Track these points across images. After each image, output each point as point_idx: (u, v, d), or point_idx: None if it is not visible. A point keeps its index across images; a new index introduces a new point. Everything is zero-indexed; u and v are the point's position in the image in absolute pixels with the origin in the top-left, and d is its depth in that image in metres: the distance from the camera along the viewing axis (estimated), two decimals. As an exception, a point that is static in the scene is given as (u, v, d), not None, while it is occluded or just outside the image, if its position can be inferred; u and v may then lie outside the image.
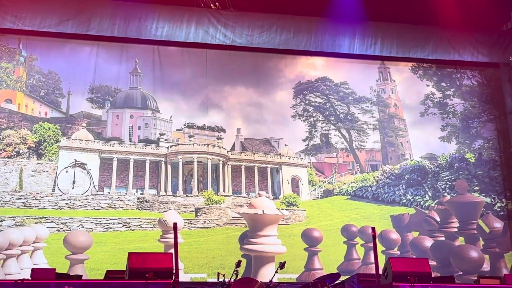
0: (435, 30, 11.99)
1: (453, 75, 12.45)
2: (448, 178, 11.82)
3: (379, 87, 12.24)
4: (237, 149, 11.45)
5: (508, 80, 12.10)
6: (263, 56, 11.83)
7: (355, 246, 11.03)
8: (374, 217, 11.32)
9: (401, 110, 12.25)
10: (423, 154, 11.98)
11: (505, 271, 11.13)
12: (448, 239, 11.41)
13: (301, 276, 10.53)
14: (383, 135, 12.03)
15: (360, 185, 11.62)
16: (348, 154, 11.83)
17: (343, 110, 11.93)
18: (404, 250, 11.14)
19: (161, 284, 6.66)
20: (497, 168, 12.02)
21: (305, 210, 11.22)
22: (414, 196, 11.59)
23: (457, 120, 12.20)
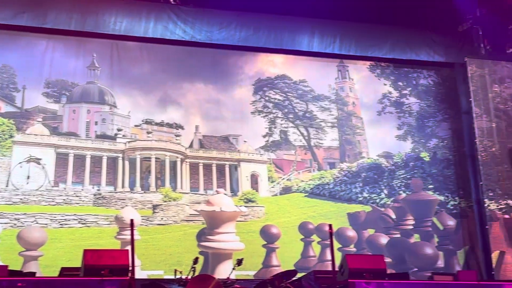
0: (393, 29, 12.14)
1: (410, 75, 12.63)
2: (404, 177, 11.98)
3: (338, 85, 12.34)
4: (195, 146, 11.40)
5: (463, 80, 12.32)
6: (223, 53, 11.80)
7: (311, 243, 11.11)
8: (331, 215, 11.41)
9: (358, 108, 12.37)
10: (379, 153, 12.12)
11: (458, 267, 11.37)
12: (403, 236, 11.58)
13: (258, 273, 10.55)
14: (341, 133, 12.14)
15: (318, 183, 11.69)
16: (307, 152, 11.89)
17: (302, 107, 11.99)
18: (360, 247, 11.27)
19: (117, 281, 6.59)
20: (450, 167, 12.24)
21: (264, 207, 11.25)
22: (371, 194, 11.72)
23: (413, 119, 12.38)
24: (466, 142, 12.18)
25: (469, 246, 11.74)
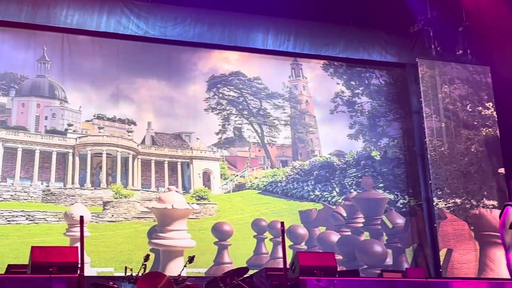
0: (347, 29, 12.27)
1: (362, 74, 12.77)
2: (355, 175, 12.12)
3: (291, 83, 12.38)
4: (147, 143, 11.27)
5: (414, 80, 12.53)
6: (176, 49, 11.70)
7: (264, 240, 11.14)
8: (283, 212, 11.46)
9: (312, 107, 12.44)
10: (331, 151, 12.22)
11: (406, 265, 11.56)
12: (354, 234, 11.72)
13: (210, 270, 10.53)
14: (294, 131, 12.19)
15: (271, 180, 11.72)
16: (260, 149, 11.90)
17: (256, 105, 11.99)
18: (311, 244, 11.35)
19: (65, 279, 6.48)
20: (401, 166, 12.43)
21: (216, 204, 11.21)
22: (322, 192, 11.81)
23: (364, 119, 12.52)
24: (416, 141, 12.40)
25: (418, 244, 11.95)
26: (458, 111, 12.32)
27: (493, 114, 12.44)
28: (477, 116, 12.40)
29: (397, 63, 12.69)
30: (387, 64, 12.75)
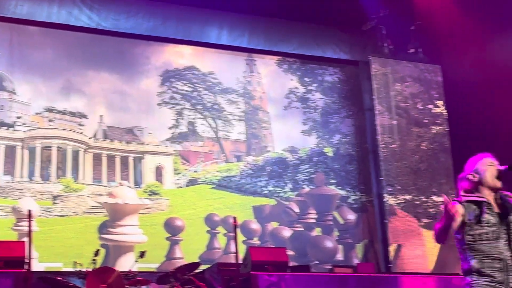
0: (301, 26, 12.31)
1: (316, 71, 12.84)
2: (308, 171, 12.19)
3: (246, 79, 12.36)
4: (99, 136, 11.09)
5: (366, 78, 12.66)
6: (129, 42, 11.54)
7: (217, 235, 11.11)
8: (237, 207, 11.44)
9: (265, 102, 12.45)
10: (285, 147, 12.26)
11: (356, 260, 11.70)
12: (306, 229, 11.79)
13: (161, 266, 10.43)
14: (248, 126, 12.18)
15: (225, 175, 11.68)
16: (214, 144, 11.85)
17: (210, 99, 11.93)
18: (264, 240, 11.38)
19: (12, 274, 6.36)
20: (353, 163, 12.56)
21: (168, 199, 11.11)
22: (275, 187, 11.84)
23: (318, 115, 12.60)
24: (368, 138, 12.54)
25: (368, 239, 12.10)
26: (410, 109, 12.51)
27: (443, 112, 12.67)
28: (427, 114, 12.61)
29: (350, 60, 12.81)
30: (341, 62, 12.86)
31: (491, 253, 4.00)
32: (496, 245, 4.01)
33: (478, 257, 4.02)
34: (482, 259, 4.01)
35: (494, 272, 3.96)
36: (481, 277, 3.99)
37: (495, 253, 4.00)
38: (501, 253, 3.99)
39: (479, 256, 4.02)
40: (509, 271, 3.96)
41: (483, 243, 4.03)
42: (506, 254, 4.00)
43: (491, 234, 4.03)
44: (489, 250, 4.01)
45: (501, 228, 4.04)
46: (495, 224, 4.05)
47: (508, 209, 4.08)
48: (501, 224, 4.06)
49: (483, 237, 4.04)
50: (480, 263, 4.00)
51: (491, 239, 4.02)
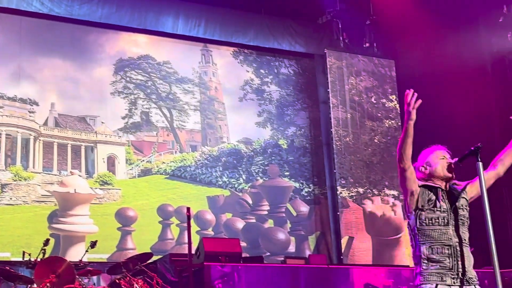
0: (257, 17, 12.30)
1: (272, 63, 12.84)
2: (262, 163, 12.20)
3: (201, 69, 12.27)
4: (50, 124, 10.85)
5: (322, 71, 12.74)
6: (83, 29, 11.32)
7: (170, 226, 11.03)
8: (191, 198, 11.37)
9: (221, 93, 12.40)
10: (239, 138, 12.25)
11: (308, 252, 11.79)
12: (259, 221, 11.82)
13: (112, 256, 10.31)
14: (203, 116, 12.11)
15: (179, 165, 11.59)
16: (169, 133, 11.73)
17: (165, 89, 11.80)
18: (218, 230, 11.35)
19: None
20: (307, 155, 12.63)
21: (121, 189, 10.96)
22: (230, 178, 11.82)
23: (273, 107, 12.61)
24: (323, 131, 12.64)
25: (321, 231, 12.20)
26: (363, 103, 12.65)
27: (396, 107, 12.86)
28: (381, 108, 12.78)
29: (306, 53, 12.87)
30: (296, 54, 12.90)
31: (441, 239, 4.08)
32: (445, 231, 4.09)
33: (428, 242, 4.09)
34: (432, 245, 4.08)
35: (443, 258, 4.03)
36: (431, 264, 4.06)
37: (444, 239, 4.08)
38: (450, 239, 4.07)
39: (429, 242, 4.09)
40: (457, 257, 4.04)
41: (434, 228, 4.10)
42: (454, 240, 4.08)
43: (441, 220, 4.11)
44: (439, 235, 4.08)
45: (451, 214, 4.13)
46: (446, 210, 4.13)
47: (455, 196, 4.18)
48: (450, 211, 4.14)
49: (434, 222, 4.12)
50: (430, 249, 4.07)
51: (441, 224, 4.10)
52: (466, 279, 4.01)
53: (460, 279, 4.00)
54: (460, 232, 4.11)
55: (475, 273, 4.09)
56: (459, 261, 4.03)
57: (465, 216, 4.19)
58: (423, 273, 4.07)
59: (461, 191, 4.22)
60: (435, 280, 4.02)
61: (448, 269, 4.01)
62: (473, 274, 4.06)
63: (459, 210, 4.16)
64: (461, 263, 4.03)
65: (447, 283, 4.00)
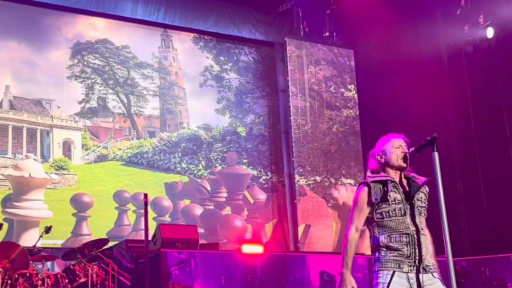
0: (218, 4, 12.23)
1: (232, 50, 12.81)
2: (221, 150, 12.19)
3: (161, 54, 12.15)
4: (5, 107, 10.62)
5: (281, 59, 12.76)
6: (40, 11, 11.09)
7: (126, 212, 10.95)
8: (148, 184, 11.30)
9: (181, 79, 12.31)
10: (199, 124, 12.20)
11: (265, 239, 11.85)
12: (217, 208, 11.82)
13: (67, 242, 10.19)
14: (163, 102, 12.01)
15: (136, 151, 11.49)
16: (126, 120, 11.61)
17: (123, 74, 11.66)
18: (175, 217, 11.32)
19: None
20: (265, 143, 12.66)
21: (76, 175, 10.82)
22: (189, 164, 11.78)
23: (232, 94, 12.59)
24: (281, 119, 12.68)
25: (278, 219, 12.26)
26: (322, 92, 12.72)
27: (355, 96, 12.97)
28: (339, 97, 12.87)
29: (266, 41, 12.86)
30: (256, 42, 12.89)
31: (399, 228, 4.13)
32: (403, 221, 4.14)
33: (387, 232, 4.14)
34: (390, 234, 4.13)
35: (402, 246, 4.09)
36: (389, 252, 4.12)
37: (402, 228, 4.13)
38: (408, 227, 4.13)
39: (387, 232, 4.14)
40: (415, 245, 4.10)
41: (391, 219, 4.15)
42: (412, 229, 4.13)
43: (397, 211, 4.15)
44: (396, 225, 4.13)
45: (406, 205, 4.18)
46: (401, 201, 4.17)
47: (413, 189, 4.22)
48: (406, 202, 4.19)
49: (390, 214, 4.16)
50: (388, 238, 4.12)
51: (398, 215, 4.15)
52: (423, 266, 4.07)
53: (416, 266, 4.06)
54: (417, 222, 4.16)
55: (432, 261, 4.15)
56: (417, 249, 4.09)
57: (423, 207, 4.23)
58: (381, 259, 4.11)
59: (421, 185, 4.25)
60: (392, 267, 4.07)
61: (405, 257, 4.07)
62: (430, 262, 4.12)
63: (417, 201, 4.21)
64: (418, 252, 4.09)
65: (404, 270, 4.05)
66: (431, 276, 4.09)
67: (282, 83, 12.72)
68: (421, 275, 4.05)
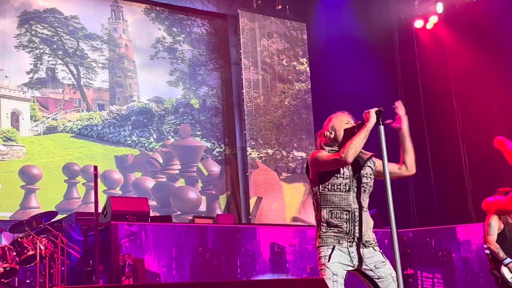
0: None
1: (184, 22, 12.67)
2: (173, 122, 12.13)
3: (111, 25, 11.94)
4: None
5: (234, 32, 12.70)
6: (-14, -22, 10.77)
7: (76, 185, 10.84)
8: (98, 157, 11.19)
9: (131, 51, 12.14)
10: (150, 97, 12.09)
11: (219, 211, 11.91)
12: (169, 180, 11.81)
13: (15, 214, 10.05)
14: (112, 74, 11.84)
15: (86, 124, 11.35)
16: (75, 91, 11.43)
17: (72, 45, 11.44)
18: (126, 190, 11.26)
19: None
20: (218, 115, 12.65)
21: (25, 146, 10.64)
22: (140, 137, 11.70)
23: (185, 66, 12.50)
24: (234, 92, 12.66)
25: (231, 191, 12.33)
26: (275, 65, 12.74)
27: (307, 70, 13.03)
28: (292, 70, 12.91)
29: (218, 13, 12.76)
30: (209, 14, 12.77)
31: (341, 204, 4.21)
32: (346, 197, 4.22)
33: (329, 207, 4.22)
34: (332, 210, 4.21)
35: (341, 223, 4.18)
36: (329, 228, 4.20)
37: (344, 205, 4.21)
38: (349, 205, 4.21)
39: (330, 207, 4.22)
40: (355, 222, 4.19)
41: (335, 194, 4.23)
42: (354, 207, 4.22)
43: (343, 186, 4.22)
44: (339, 201, 4.21)
45: (353, 181, 4.24)
46: (348, 177, 4.24)
47: (360, 164, 4.28)
48: (353, 177, 4.25)
49: (336, 188, 4.24)
50: (330, 214, 4.21)
51: (343, 190, 4.22)
52: (362, 242, 4.18)
53: (356, 242, 4.16)
54: (361, 199, 4.25)
55: (373, 236, 4.27)
56: (356, 226, 4.19)
57: (368, 184, 4.32)
58: (322, 236, 4.21)
59: (367, 160, 4.31)
60: (332, 243, 4.17)
61: (345, 233, 4.17)
62: (370, 237, 4.23)
63: (362, 178, 4.28)
64: (358, 228, 4.19)
65: (344, 246, 4.16)
66: (372, 250, 4.22)
67: (235, 56, 12.68)
68: (361, 249, 4.16)
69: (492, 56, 10.90)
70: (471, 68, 11.13)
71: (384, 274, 4.16)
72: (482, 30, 11.02)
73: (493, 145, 4.73)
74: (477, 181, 11.12)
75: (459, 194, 11.28)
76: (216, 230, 9.05)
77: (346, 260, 4.12)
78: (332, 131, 4.37)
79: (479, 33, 11.06)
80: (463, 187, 11.23)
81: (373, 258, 4.18)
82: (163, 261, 8.27)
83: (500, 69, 10.79)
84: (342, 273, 4.11)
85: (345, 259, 4.12)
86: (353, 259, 4.14)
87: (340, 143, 4.31)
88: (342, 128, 4.34)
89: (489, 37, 10.97)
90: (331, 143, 4.35)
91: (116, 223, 8.03)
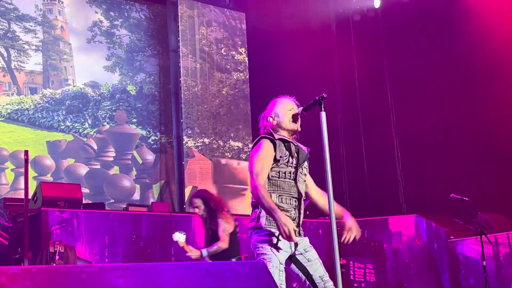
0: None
1: (122, 6, 12.45)
2: (109, 108, 11.91)
3: (46, 6, 11.60)
4: None
5: (173, 19, 12.58)
6: None
7: (4, 170, 10.50)
8: (29, 142, 10.86)
9: (67, 33, 11.83)
10: (86, 81, 11.82)
11: (152, 200, 11.80)
12: (104, 167, 11.61)
13: None
14: (46, 57, 11.51)
15: (16, 108, 10.99)
16: (6, 74, 11.04)
17: (3, 26, 11.04)
18: (58, 176, 10.99)
19: None
20: (155, 103, 12.51)
21: (-49, 130, 10.25)
22: (74, 123, 11.43)
23: (122, 52, 12.29)
24: (172, 79, 12.54)
25: (166, 180, 12.23)
26: (213, 54, 12.69)
27: (245, 60, 13.03)
28: (230, 60, 12.89)
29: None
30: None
31: (290, 191, 4.27)
32: (293, 184, 4.29)
33: (278, 192, 4.24)
34: (281, 195, 4.24)
35: (290, 208, 4.23)
36: (279, 211, 4.25)
37: (292, 192, 4.27)
38: (296, 192, 4.28)
39: (279, 192, 4.25)
40: (299, 209, 4.27)
41: (285, 181, 4.26)
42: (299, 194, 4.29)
43: (290, 174, 4.27)
44: (288, 188, 4.26)
45: (297, 171, 4.30)
46: (294, 166, 4.30)
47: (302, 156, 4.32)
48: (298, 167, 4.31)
49: (285, 175, 4.27)
50: (280, 198, 4.23)
51: (290, 178, 4.28)
52: (298, 231, 4.24)
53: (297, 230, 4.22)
54: (300, 188, 4.30)
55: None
56: (300, 214, 4.26)
57: (305, 175, 4.40)
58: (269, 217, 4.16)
59: (307, 154, 4.37)
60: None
61: (292, 219, 4.20)
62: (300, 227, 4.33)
63: (304, 169, 4.37)
64: (298, 216, 4.25)
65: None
66: (302, 237, 4.30)
67: (174, 43, 12.55)
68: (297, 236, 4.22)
69: (426, 50, 11.18)
70: (405, 62, 11.40)
71: (312, 258, 4.26)
72: (418, 25, 11.29)
73: (425, 139, 4.85)
74: (408, 174, 11.42)
75: (391, 186, 11.55)
76: (150, 218, 8.97)
77: (288, 247, 4.16)
78: (275, 117, 4.39)
79: (415, 28, 11.32)
80: (395, 179, 11.50)
81: (303, 243, 4.28)
82: (95, 248, 8.14)
83: (434, 63, 11.09)
84: (284, 261, 4.16)
85: (287, 246, 4.16)
86: (291, 246, 4.19)
87: (283, 128, 4.33)
88: (285, 115, 4.36)
89: (424, 32, 11.25)
90: (275, 128, 4.37)
91: (47, 209, 7.85)
